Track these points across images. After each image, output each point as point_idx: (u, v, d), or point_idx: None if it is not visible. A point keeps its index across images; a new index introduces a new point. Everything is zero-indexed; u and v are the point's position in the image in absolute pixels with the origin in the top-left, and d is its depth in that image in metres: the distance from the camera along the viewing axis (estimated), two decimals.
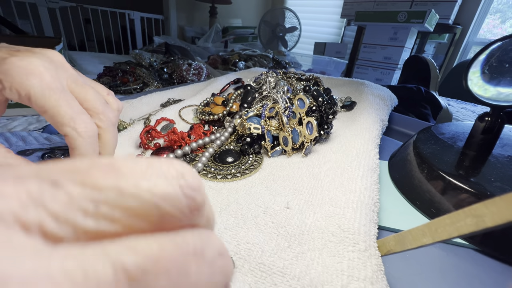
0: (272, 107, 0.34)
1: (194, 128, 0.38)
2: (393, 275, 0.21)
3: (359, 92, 0.50)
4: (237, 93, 0.43)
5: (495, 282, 0.21)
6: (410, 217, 0.26)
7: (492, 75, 0.27)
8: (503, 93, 0.26)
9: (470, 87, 0.28)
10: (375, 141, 0.33)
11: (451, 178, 0.25)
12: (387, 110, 0.44)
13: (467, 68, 0.28)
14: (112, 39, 1.66)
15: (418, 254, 0.22)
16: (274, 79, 0.41)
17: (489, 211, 0.12)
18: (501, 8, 1.51)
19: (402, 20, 1.03)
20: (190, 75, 0.76)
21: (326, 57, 1.50)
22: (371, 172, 0.27)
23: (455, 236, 0.14)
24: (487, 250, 0.23)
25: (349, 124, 0.38)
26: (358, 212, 0.22)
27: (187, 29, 1.94)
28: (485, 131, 0.28)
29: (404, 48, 1.07)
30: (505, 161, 0.27)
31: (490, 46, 0.26)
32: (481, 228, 0.13)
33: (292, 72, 0.48)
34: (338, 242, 0.20)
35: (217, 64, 1.04)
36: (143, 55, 0.91)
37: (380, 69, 1.15)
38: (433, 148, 0.30)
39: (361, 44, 1.20)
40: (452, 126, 0.36)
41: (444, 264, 0.22)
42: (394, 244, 0.19)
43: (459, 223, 0.14)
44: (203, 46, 1.49)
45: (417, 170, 0.29)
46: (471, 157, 0.29)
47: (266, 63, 1.11)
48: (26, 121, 0.46)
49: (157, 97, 0.50)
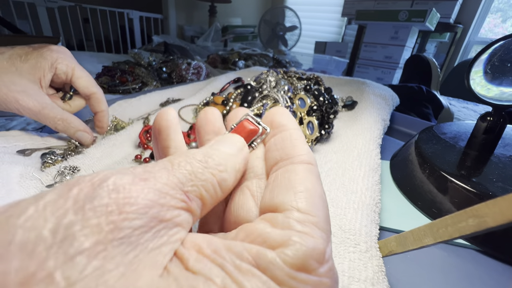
0: (273, 106, 0.34)
1: (193, 128, 0.37)
2: (395, 276, 0.20)
3: (360, 92, 0.50)
4: (237, 92, 0.43)
5: (496, 282, 0.21)
6: (412, 217, 0.26)
7: (494, 75, 0.27)
8: (506, 93, 0.26)
9: (473, 86, 0.28)
10: (376, 141, 0.33)
11: (453, 178, 0.25)
12: (388, 109, 0.44)
13: (469, 68, 0.28)
14: (111, 38, 1.66)
15: (419, 255, 0.22)
16: (274, 78, 0.41)
17: (491, 211, 0.12)
18: (502, 7, 1.51)
19: (403, 19, 1.02)
20: (190, 75, 0.75)
21: (326, 56, 1.49)
22: (372, 172, 0.27)
23: (457, 237, 0.14)
24: (489, 250, 0.23)
25: (350, 124, 0.38)
26: (359, 212, 0.22)
27: (187, 28, 1.94)
28: (487, 131, 0.28)
29: (405, 47, 1.07)
30: (507, 161, 0.27)
31: (492, 45, 0.26)
32: (483, 229, 0.13)
33: (292, 71, 0.47)
34: (339, 243, 0.20)
35: (216, 63, 1.04)
36: (142, 54, 0.90)
37: (381, 68, 1.15)
38: (435, 148, 0.30)
39: (362, 43, 1.20)
40: (453, 126, 0.36)
41: (446, 265, 0.22)
42: (395, 245, 0.18)
43: (461, 223, 0.14)
44: (202, 45, 1.48)
45: (418, 170, 0.29)
46: (473, 157, 0.28)
47: (266, 62, 1.10)
48: (24, 121, 0.46)
49: (156, 97, 0.49)
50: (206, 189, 0.10)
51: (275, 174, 0.11)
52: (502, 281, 0.21)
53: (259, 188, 0.12)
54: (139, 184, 0.08)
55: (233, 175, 0.11)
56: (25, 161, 0.28)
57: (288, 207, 0.10)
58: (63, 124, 0.30)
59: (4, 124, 0.44)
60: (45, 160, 0.29)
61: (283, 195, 0.10)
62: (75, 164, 0.28)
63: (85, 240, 0.07)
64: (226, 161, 0.11)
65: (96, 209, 0.07)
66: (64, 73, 0.31)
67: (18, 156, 0.28)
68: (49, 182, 0.26)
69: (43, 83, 0.29)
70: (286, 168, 0.11)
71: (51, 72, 0.29)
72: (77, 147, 0.32)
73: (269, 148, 0.13)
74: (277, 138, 0.13)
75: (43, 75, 0.29)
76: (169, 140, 0.13)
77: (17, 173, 0.25)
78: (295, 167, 0.11)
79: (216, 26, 1.67)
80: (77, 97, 0.34)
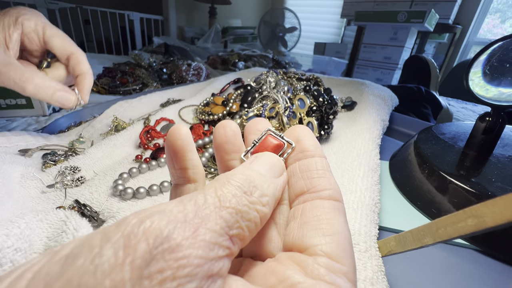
0: (272, 107, 0.34)
1: (194, 128, 0.38)
2: (394, 276, 0.20)
3: (359, 92, 0.50)
4: (237, 93, 0.43)
5: (495, 282, 0.21)
6: (411, 217, 0.26)
7: (493, 75, 0.27)
8: (504, 93, 0.26)
9: (471, 87, 0.28)
10: (375, 141, 0.33)
11: (452, 178, 0.25)
12: (387, 110, 0.44)
13: (468, 68, 0.28)
14: (111, 40, 1.66)
15: (419, 254, 0.22)
16: (274, 79, 0.41)
17: (490, 211, 0.12)
18: (501, 8, 1.51)
19: (402, 20, 1.03)
20: (190, 76, 0.76)
21: (326, 57, 1.50)
22: (371, 173, 0.27)
23: (456, 237, 0.14)
24: (488, 250, 0.23)
25: (349, 124, 0.38)
26: (359, 212, 0.22)
27: (187, 29, 1.94)
28: (486, 131, 0.28)
29: (404, 48, 1.07)
30: (506, 161, 0.27)
31: (491, 46, 0.26)
32: (482, 229, 0.13)
33: (292, 72, 0.48)
34: None
35: (216, 64, 1.04)
36: (142, 55, 0.91)
37: (380, 69, 1.15)
38: (434, 148, 0.30)
39: (361, 44, 1.20)
40: (452, 126, 0.36)
41: (445, 265, 0.22)
42: (395, 244, 0.18)
43: (460, 223, 0.14)
44: (202, 46, 1.49)
45: (418, 170, 0.29)
46: (472, 157, 0.29)
47: (266, 63, 1.11)
48: (25, 122, 0.46)
49: (157, 97, 0.50)
50: (249, 229, 0.09)
51: (302, 207, 0.11)
52: (501, 281, 0.21)
53: (282, 216, 0.12)
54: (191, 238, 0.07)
55: (273, 206, 0.10)
56: (26, 161, 0.28)
57: (318, 251, 0.09)
58: (33, 86, 0.25)
59: (5, 125, 0.44)
60: (46, 160, 0.29)
61: (312, 236, 0.10)
62: (76, 164, 0.29)
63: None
64: (268, 190, 0.10)
65: (152, 276, 0.06)
66: (33, 31, 0.27)
67: (19, 157, 0.28)
68: (50, 182, 0.26)
69: (10, 44, 0.26)
70: (314, 204, 0.11)
71: (17, 29, 0.26)
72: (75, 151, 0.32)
73: (294, 173, 0.12)
74: (302, 164, 0.12)
75: (8, 34, 0.26)
76: (186, 161, 0.12)
77: (18, 173, 0.25)
78: (323, 204, 0.11)
79: (216, 27, 1.67)
80: (56, 65, 0.30)
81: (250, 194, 0.09)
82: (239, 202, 0.09)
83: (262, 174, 0.11)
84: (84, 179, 0.27)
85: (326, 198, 0.11)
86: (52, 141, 0.33)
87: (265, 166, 0.11)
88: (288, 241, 0.11)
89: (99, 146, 0.32)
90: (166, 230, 0.07)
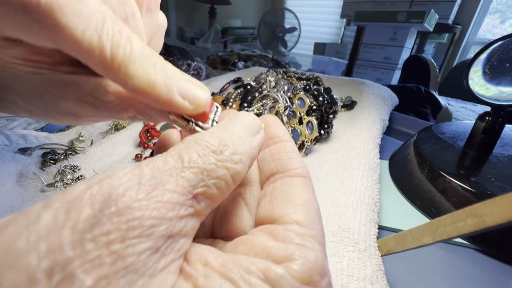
0: (272, 106, 0.34)
1: None
2: (393, 275, 0.20)
3: (359, 92, 0.50)
4: (237, 92, 0.43)
5: (495, 281, 0.21)
6: (411, 216, 0.26)
7: (493, 75, 0.27)
8: (504, 92, 0.26)
9: (471, 86, 0.28)
10: (375, 140, 0.33)
11: (452, 177, 0.25)
12: (387, 109, 0.44)
13: (468, 67, 0.28)
14: None
15: (418, 254, 0.22)
16: (274, 78, 0.41)
17: (489, 210, 0.12)
18: (501, 8, 1.51)
19: (402, 20, 1.03)
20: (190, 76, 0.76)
21: (326, 57, 1.50)
22: (371, 172, 0.27)
23: (455, 236, 0.14)
24: (487, 249, 0.23)
25: (349, 124, 0.38)
26: (358, 211, 0.22)
27: (187, 29, 1.94)
28: (485, 131, 0.28)
29: (403, 48, 1.07)
30: (506, 160, 0.27)
31: (491, 46, 0.26)
32: (481, 228, 0.13)
33: (292, 72, 0.48)
34: (338, 242, 0.20)
35: (216, 64, 1.04)
36: None
37: (380, 69, 1.15)
38: (434, 148, 0.30)
39: (360, 44, 1.20)
40: (452, 126, 0.36)
41: (444, 264, 0.22)
42: (394, 244, 0.18)
43: (459, 222, 0.14)
44: (202, 46, 1.49)
45: (417, 169, 0.29)
46: (471, 157, 0.29)
47: (266, 64, 1.11)
48: (25, 121, 0.46)
49: None
50: (218, 187, 0.09)
51: (273, 185, 0.11)
52: (501, 280, 0.21)
53: (253, 197, 0.12)
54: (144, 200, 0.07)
55: (248, 164, 0.10)
56: (26, 160, 0.28)
57: (288, 219, 0.10)
58: None
59: (5, 125, 0.44)
60: (45, 159, 0.29)
61: (282, 208, 0.10)
62: (76, 163, 0.29)
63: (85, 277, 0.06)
64: (241, 148, 0.10)
65: (97, 239, 0.06)
66: None
67: (19, 155, 0.28)
68: (50, 181, 0.26)
69: None
70: (284, 181, 0.11)
71: None
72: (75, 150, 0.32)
73: (264, 158, 0.13)
74: (272, 149, 0.12)
75: None
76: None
77: (17, 172, 0.25)
78: (292, 180, 0.11)
79: (216, 27, 1.67)
80: None
81: (220, 152, 0.09)
82: (205, 161, 0.09)
83: (235, 133, 0.10)
84: (83, 178, 0.27)
85: (295, 175, 0.11)
86: (52, 140, 0.33)
87: (239, 126, 0.11)
88: (260, 216, 0.11)
89: (99, 145, 0.32)
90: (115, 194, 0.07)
